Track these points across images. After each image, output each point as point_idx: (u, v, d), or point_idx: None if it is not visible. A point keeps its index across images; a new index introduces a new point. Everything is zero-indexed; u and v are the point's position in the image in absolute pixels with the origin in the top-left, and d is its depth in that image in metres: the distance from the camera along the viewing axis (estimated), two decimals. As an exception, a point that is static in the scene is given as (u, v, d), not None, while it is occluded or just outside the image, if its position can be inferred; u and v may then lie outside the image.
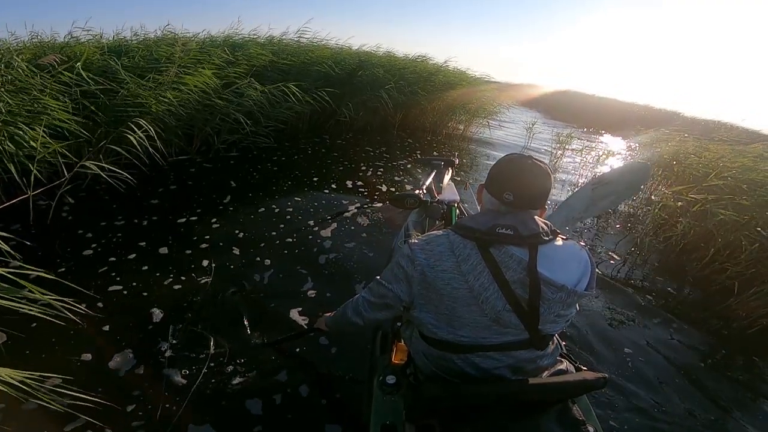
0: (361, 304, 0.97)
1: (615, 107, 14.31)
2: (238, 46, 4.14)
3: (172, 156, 3.52)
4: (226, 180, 3.24)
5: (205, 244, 2.29)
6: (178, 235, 2.36)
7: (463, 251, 0.77)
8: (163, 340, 1.59)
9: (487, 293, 0.75)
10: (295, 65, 4.41)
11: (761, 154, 3.89)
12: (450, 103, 6.28)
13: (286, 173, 3.58)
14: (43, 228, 2.26)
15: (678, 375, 1.84)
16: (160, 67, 3.21)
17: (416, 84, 5.70)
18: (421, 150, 5.14)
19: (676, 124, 7.80)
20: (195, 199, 2.84)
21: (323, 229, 2.63)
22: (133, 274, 1.96)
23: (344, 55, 5.42)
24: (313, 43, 5.09)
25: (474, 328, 0.78)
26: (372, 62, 5.50)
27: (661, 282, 2.76)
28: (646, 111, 13.88)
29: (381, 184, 3.66)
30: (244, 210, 2.77)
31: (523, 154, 0.85)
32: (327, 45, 5.52)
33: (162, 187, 2.96)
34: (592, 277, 0.80)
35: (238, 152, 3.88)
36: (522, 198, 0.79)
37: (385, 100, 4.96)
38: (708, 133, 6.84)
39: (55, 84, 2.55)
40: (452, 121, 6.59)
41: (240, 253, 2.26)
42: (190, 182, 3.13)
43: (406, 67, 5.95)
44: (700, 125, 10.00)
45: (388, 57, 6.15)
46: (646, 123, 10.67)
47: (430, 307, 0.80)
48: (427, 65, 6.30)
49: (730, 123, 9.68)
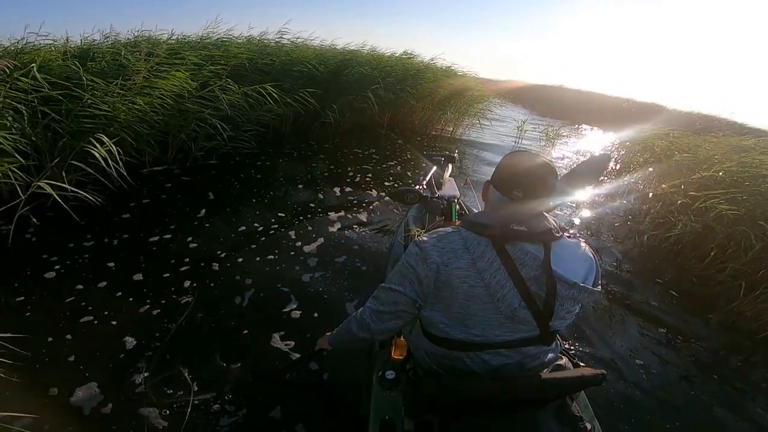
0: (368, 316, 0.88)
1: (600, 102, 14.41)
2: (214, 47, 3.90)
3: (147, 167, 3.30)
4: (205, 192, 3.03)
5: (181, 265, 2.11)
6: (151, 256, 2.17)
7: (477, 248, 0.76)
8: (137, 373, 1.44)
9: (504, 291, 0.74)
10: (275, 65, 4.20)
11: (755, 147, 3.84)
12: (438, 102, 6.15)
13: (269, 181, 3.38)
14: (2, 253, 2.04)
15: (678, 374, 1.83)
16: (129, 71, 2.98)
17: (404, 81, 5.54)
18: (411, 151, 4.98)
19: (661, 118, 7.89)
20: (170, 215, 2.63)
21: (308, 244, 2.44)
22: (103, 299, 1.80)
23: (328, 55, 5.23)
24: (294, 43, 4.88)
25: (488, 326, 0.77)
26: (357, 61, 5.32)
27: (662, 281, 2.70)
28: (629, 104, 14.04)
29: (371, 189, 3.48)
30: (223, 225, 2.57)
31: (530, 151, 0.85)
32: (310, 44, 5.33)
33: (135, 202, 2.74)
34: (597, 275, 0.82)
35: (217, 159, 3.66)
36: (532, 195, 0.78)
37: (372, 100, 4.78)
38: (690, 125, 6.96)
39: (10, 91, 2.32)
40: (441, 121, 6.45)
41: (218, 273, 2.08)
42: (164, 196, 2.91)
43: (393, 65, 5.78)
44: (683, 117, 10.19)
45: (373, 55, 5.97)
46: (632, 117, 10.82)
47: (442, 306, 0.78)
48: (414, 62, 6.14)
49: (711, 114, 9.92)
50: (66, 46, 3.46)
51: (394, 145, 5.23)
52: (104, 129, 2.63)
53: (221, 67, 3.45)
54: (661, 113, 10.80)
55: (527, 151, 0.86)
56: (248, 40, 4.51)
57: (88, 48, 3.54)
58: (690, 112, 11.22)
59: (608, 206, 4.10)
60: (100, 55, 3.24)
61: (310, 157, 4.15)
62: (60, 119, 2.51)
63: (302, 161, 4.00)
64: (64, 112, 2.56)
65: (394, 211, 3.10)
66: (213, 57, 3.54)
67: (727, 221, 2.78)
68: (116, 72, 2.99)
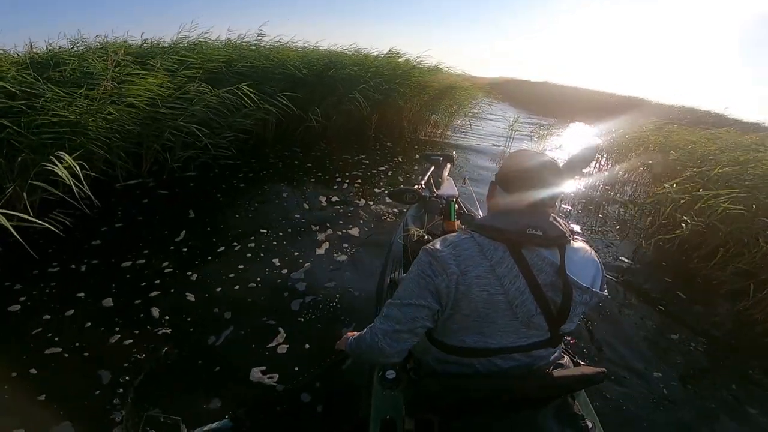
0: (381, 339, 0.79)
1: (587, 97, 14.51)
2: (188, 50, 3.66)
3: (120, 181, 3.07)
4: (182, 208, 2.80)
5: (155, 292, 1.92)
6: (124, 283, 1.98)
7: (495, 254, 0.73)
8: (115, 410, 1.33)
9: (522, 297, 0.73)
10: (256, 68, 3.98)
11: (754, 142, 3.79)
12: (427, 101, 6.00)
13: (251, 194, 3.16)
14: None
15: (683, 375, 1.79)
16: (94, 79, 2.75)
17: (392, 81, 5.37)
18: (402, 155, 4.81)
19: (652, 113, 7.91)
20: (144, 236, 2.41)
21: (295, 268, 2.23)
22: (72, 331, 1.65)
23: (312, 56, 5.03)
24: (275, 46, 4.67)
25: (504, 333, 0.76)
26: (343, 62, 5.13)
27: (668, 281, 2.64)
28: (613, 98, 14.21)
29: (361, 199, 3.29)
30: (201, 246, 2.36)
31: (536, 151, 0.84)
32: (293, 46, 5.12)
33: (106, 223, 2.51)
34: (603, 277, 0.82)
35: (195, 171, 3.43)
36: (543, 197, 0.77)
37: (360, 101, 4.59)
38: (669, 115, 7.01)
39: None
40: (431, 121, 6.30)
41: (195, 303, 1.88)
42: (139, 214, 2.68)
43: (380, 64, 5.60)
44: (664, 110, 10.31)
45: (359, 55, 5.79)
46: (618, 111, 10.89)
47: (459, 316, 0.75)
48: (401, 62, 5.97)
49: (692, 106, 10.10)
50: (31, 52, 3.22)
51: (384, 148, 5.06)
52: (70, 142, 2.41)
53: (196, 71, 3.23)
54: (650, 108, 10.90)
55: (530, 150, 0.84)
56: (226, 43, 4.27)
57: (52, 55, 3.28)
58: (682, 106, 11.37)
59: (607, 205, 4.01)
60: (66, 61, 3.00)
61: (296, 165, 3.94)
62: (19, 131, 2.27)
63: (287, 171, 3.79)
64: (24, 125, 2.32)
65: (388, 220, 2.93)
66: (186, 61, 3.31)
67: (732, 220, 2.70)
68: (82, 80, 2.76)
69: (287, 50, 4.74)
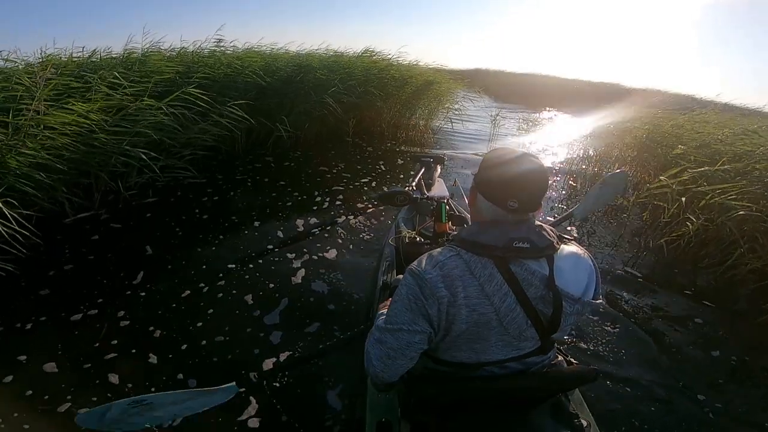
0: (376, 365, 0.76)
1: (561, 85, 14.54)
2: (136, 64, 3.25)
3: (69, 215, 2.68)
4: (139, 244, 2.43)
5: (113, 354, 1.62)
6: (75, 341, 1.68)
7: (483, 272, 0.71)
8: None
9: (513, 314, 0.71)
10: (217, 78, 3.60)
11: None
12: (406, 100, 5.72)
13: (218, 221, 2.80)
14: None
15: (691, 376, 1.74)
16: (18, 104, 2.34)
17: (368, 83, 5.05)
18: (384, 160, 4.50)
19: (624, 98, 7.87)
20: (97, 282, 2.07)
21: (269, 310, 1.92)
22: (10, 400, 1.41)
23: (280, 60, 4.66)
24: (236, 52, 4.28)
25: (496, 348, 0.75)
26: (313, 65, 4.78)
27: (678, 282, 2.50)
28: (589, 86, 14.32)
29: (341, 216, 2.98)
30: (163, 291, 2.03)
31: (515, 150, 0.77)
32: (258, 51, 4.74)
33: (53, 267, 2.16)
34: (598, 284, 0.80)
35: (155, 196, 3.06)
36: (527, 203, 0.73)
37: (333, 106, 4.26)
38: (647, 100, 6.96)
39: None
40: (411, 121, 6.02)
41: (160, 366, 1.59)
42: (90, 255, 2.31)
43: (354, 65, 5.28)
44: (640, 94, 10.38)
45: (331, 56, 5.45)
46: (591, 97, 10.94)
47: (449, 337, 0.74)
48: (376, 60, 5.66)
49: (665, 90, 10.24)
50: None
51: (364, 153, 4.74)
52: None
53: (143, 86, 2.83)
54: (630, 94, 10.93)
55: (510, 148, 0.79)
56: (180, 52, 3.85)
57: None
58: (666, 92, 11.44)
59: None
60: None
61: (268, 182, 3.58)
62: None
63: (258, 189, 3.43)
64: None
65: (372, 241, 2.64)
66: (129, 75, 2.91)
67: (741, 218, 2.52)
68: (6, 105, 2.36)
69: (250, 55, 4.35)
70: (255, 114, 3.63)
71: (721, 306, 2.26)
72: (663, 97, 9.72)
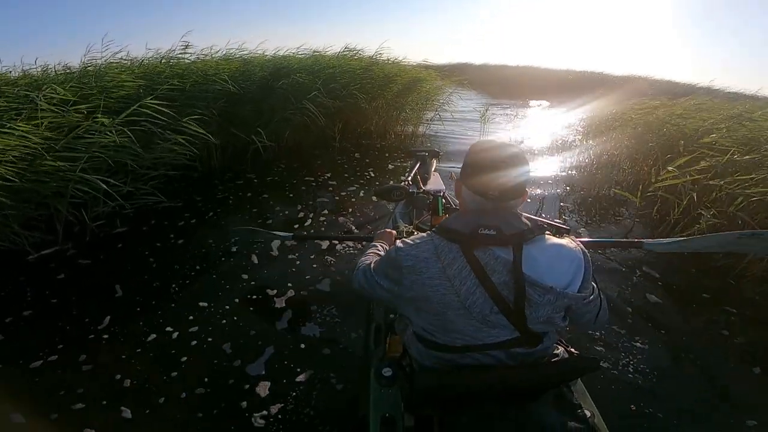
0: (362, 276, 0.93)
1: (538, 74, 14.50)
2: (93, 77, 2.94)
3: (32, 252, 2.39)
4: (107, 283, 2.13)
5: (76, 404, 1.43)
6: (36, 397, 1.47)
7: (447, 255, 0.76)
8: None
9: (474, 297, 0.74)
10: (185, 88, 3.30)
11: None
12: (393, 99, 5.48)
13: (192, 252, 2.49)
14: None
15: (687, 365, 1.70)
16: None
17: (352, 84, 4.79)
18: (373, 167, 4.24)
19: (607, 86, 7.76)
20: (60, 329, 1.80)
21: (252, 359, 1.65)
22: None
23: (254, 64, 4.38)
24: (204, 59, 3.99)
25: (466, 331, 0.77)
26: (292, 67, 4.51)
27: (683, 276, 2.37)
28: (570, 75, 14.31)
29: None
30: (133, 339, 1.75)
31: (495, 141, 0.83)
32: (232, 56, 4.45)
33: (12, 313, 1.89)
34: (587, 275, 0.79)
35: (125, 225, 2.76)
36: (507, 192, 0.77)
37: (314, 112, 3.99)
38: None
39: None
40: (399, 121, 5.79)
41: (129, 417, 1.38)
42: (54, 297, 2.03)
43: (334, 65, 5.01)
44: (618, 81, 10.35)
45: (309, 57, 5.18)
46: (576, 87, 10.88)
47: (423, 314, 0.80)
48: (362, 60, 5.41)
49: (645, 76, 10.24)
50: None
51: (352, 160, 4.48)
52: None
53: (96, 102, 2.52)
54: (613, 81, 10.90)
55: (493, 141, 0.85)
56: (142, 63, 3.53)
57: None
58: (653, 78, 11.42)
59: (599, 193, 3.65)
60: None
61: (249, 198, 3.30)
62: None
63: (238, 209, 3.14)
64: None
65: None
66: (83, 90, 2.60)
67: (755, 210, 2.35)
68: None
69: (226, 61, 4.06)
70: (228, 125, 3.35)
71: (730, 302, 2.13)
72: (649, 83, 9.67)
